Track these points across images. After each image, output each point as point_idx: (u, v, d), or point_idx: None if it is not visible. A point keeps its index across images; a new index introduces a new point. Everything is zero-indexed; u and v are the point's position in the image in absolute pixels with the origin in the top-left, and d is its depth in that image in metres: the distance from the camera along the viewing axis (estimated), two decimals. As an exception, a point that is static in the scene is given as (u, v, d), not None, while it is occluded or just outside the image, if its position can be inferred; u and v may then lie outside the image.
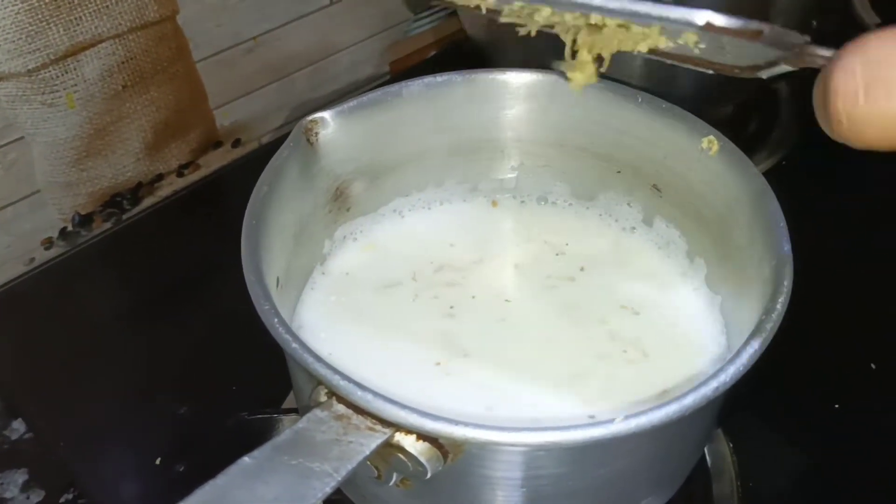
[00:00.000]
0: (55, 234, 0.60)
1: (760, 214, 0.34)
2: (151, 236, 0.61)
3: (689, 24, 0.26)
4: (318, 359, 0.29)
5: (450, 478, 0.30)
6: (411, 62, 0.74)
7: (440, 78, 0.40)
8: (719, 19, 0.26)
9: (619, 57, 0.50)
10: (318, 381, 0.30)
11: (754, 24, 0.26)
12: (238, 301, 0.54)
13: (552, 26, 0.30)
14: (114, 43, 0.57)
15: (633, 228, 0.43)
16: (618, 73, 0.47)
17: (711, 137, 0.37)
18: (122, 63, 0.58)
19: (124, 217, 0.63)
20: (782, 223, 0.33)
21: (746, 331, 0.32)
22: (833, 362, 0.50)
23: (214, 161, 0.66)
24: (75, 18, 0.54)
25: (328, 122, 0.39)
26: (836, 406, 0.48)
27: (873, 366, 0.50)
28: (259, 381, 0.48)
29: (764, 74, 0.27)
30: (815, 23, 0.62)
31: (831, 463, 0.46)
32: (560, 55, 0.44)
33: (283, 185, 0.37)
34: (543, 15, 0.29)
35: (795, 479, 0.45)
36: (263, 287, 0.31)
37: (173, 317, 0.55)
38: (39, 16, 0.52)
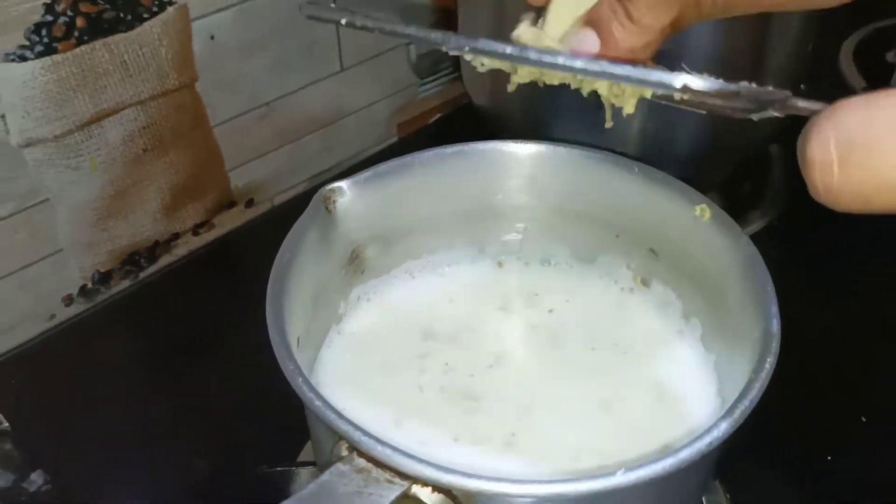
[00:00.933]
0: (75, 292, 0.63)
1: (750, 278, 0.37)
2: (168, 294, 0.64)
3: (667, 87, 0.26)
4: (341, 415, 0.31)
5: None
6: (418, 125, 0.77)
7: (450, 149, 0.43)
8: (696, 82, 0.26)
9: (617, 124, 0.53)
10: (340, 437, 0.32)
11: (731, 87, 0.26)
12: (252, 356, 0.56)
13: (539, 76, 0.32)
14: (136, 109, 0.60)
15: (632, 289, 0.45)
16: (616, 140, 0.50)
17: (704, 205, 0.40)
18: (144, 128, 0.61)
19: (142, 275, 0.65)
20: (770, 287, 0.36)
21: (739, 388, 0.34)
22: (825, 416, 0.52)
23: (228, 221, 0.69)
24: (101, 87, 0.57)
25: (345, 191, 0.41)
26: (829, 458, 0.50)
27: (864, 419, 0.52)
28: (274, 435, 0.50)
29: (756, 117, 0.28)
30: (802, 86, 0.65)
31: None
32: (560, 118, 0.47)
33: (304, 251, 0.39)
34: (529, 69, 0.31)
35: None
36: (287, 347, 0.34)
37: (190, 372, 0.57)
38: (67, 86, 0.55)
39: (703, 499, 0.47)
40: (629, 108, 0.29)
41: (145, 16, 0.57)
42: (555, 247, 0.46)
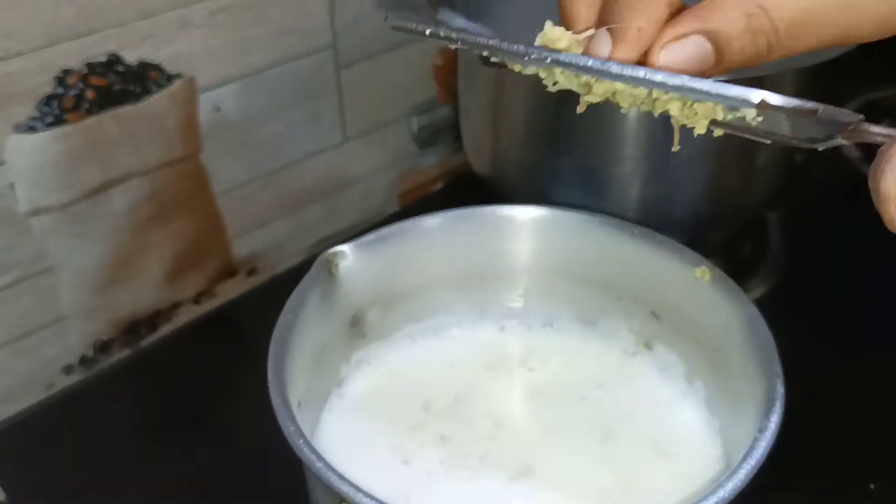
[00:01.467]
0: (76, 361, 0.62)
1: (752, 339, 0.37)
2: (168, 362, 0.63)
3: (746, 102, 0.27)
4: (342, 477, 0.31)
5: None
6: (419, 194, 0.78)
7: (451, 213, 0.43)
8: (774, 98, 0.27)
9: (616, 189, 0.54)
10: (342, 499, 0.31)
11: (809, 104, 0.27)
12: (252, 425, 0.56)
13: (612, 96, 0.31)
14: (141, 178, 0.60)
15: (634, 352, 0.45)
16: (616, 205, 0.51)
17: (704, 268, 0.40)
18: (148, 197, 0.61)
19: (142, 343, 0.65)
20: (773, 347, 0.36)
21: (744, 450, 0.33)
22: (832, 483, 0.51)
23: (230, 289, 0.69)
24: (108, 157, 0.58)
25: (348, 255, 0.42)
26: (872, 486, 0.49)
27: (872, 486, 0.51)
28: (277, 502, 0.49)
29: (820, 147, 0.28)
30: (799, 157, 0.66)
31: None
32: (560, 185, 0.47)
33: (306, 313, 0.39)
34: (604, 87, 0.30)
35: None
36: (289, 409, 0.33)
37: (190, 441, 0.56)
38: (76, 156, 0.56)
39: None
40: (700, 129, 0.29)
41: (153, 88, 0.59)
42: (557, 310, 0.46)
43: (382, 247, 0.43)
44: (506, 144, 0.58)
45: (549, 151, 0.55)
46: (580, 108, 0.32)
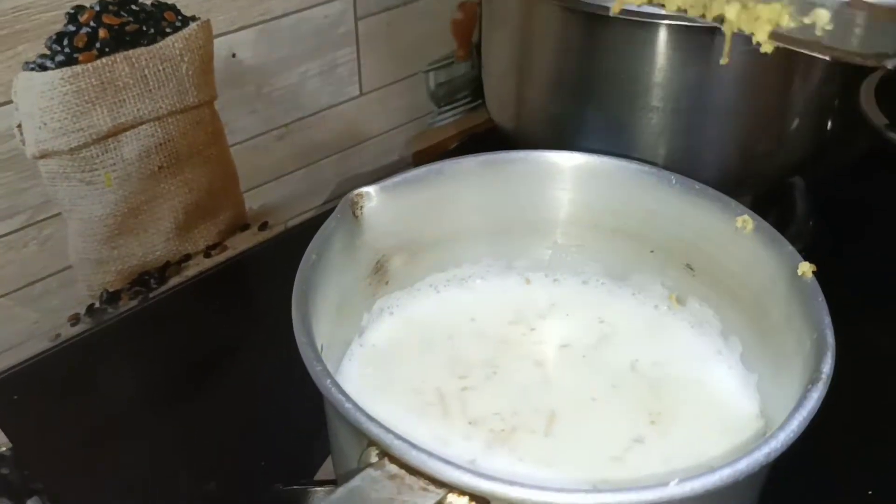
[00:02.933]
0: (82, 311, 0.61)
1: (798, 290, 0.35)
2: (177, 314, 0.62)
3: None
4: (372, 418, 0.29)
5: (497, 546, 0.30)
6: (435, 153, 0.76)
7: (485, 157, 0.41)
8: None
9: (643, 145, 0.52)
10: (370, 442, 0.30)
11: None
12: (263, 377, 0.55)
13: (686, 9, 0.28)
14: (153, 125, 0.59)
15: (667, 308, 0.43)
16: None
17: (746, 217, 0.38)
18: (160, 145, 0.59)
19: (151, 295, 0.63)
20: (821, 298, 0.34)
21: (786, 406, 0.32)
22: (867, 452, 0.50)
23: (241, 243, 0.68)
24: (119, 101, 0.56)
25: (373, 197, 0.40)
26: (870, 492, 0.47)
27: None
28: (288, 457, 0.48)
29: (890, 64, 0.26)
30: (830, 123, 0.65)
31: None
32: (586, 138, 0.45)
33: (330, 255, 0.38)
34: None
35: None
36: (314, 348, 0.32)
37: (198, 393, 0.55)
38: (86, 98, 0.54)
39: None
40: (761, 35, 0.26)
41: (168, 30, 0.57)
42: (586, 263, 0.45)
43: (409, 190, 0.41)
44: (531, 96, 0.56)
45: (575, 102, 0.53)
46: (614, 9, 0.29)
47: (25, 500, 0.49)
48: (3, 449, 0.51)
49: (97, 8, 0.53)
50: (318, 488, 0.41)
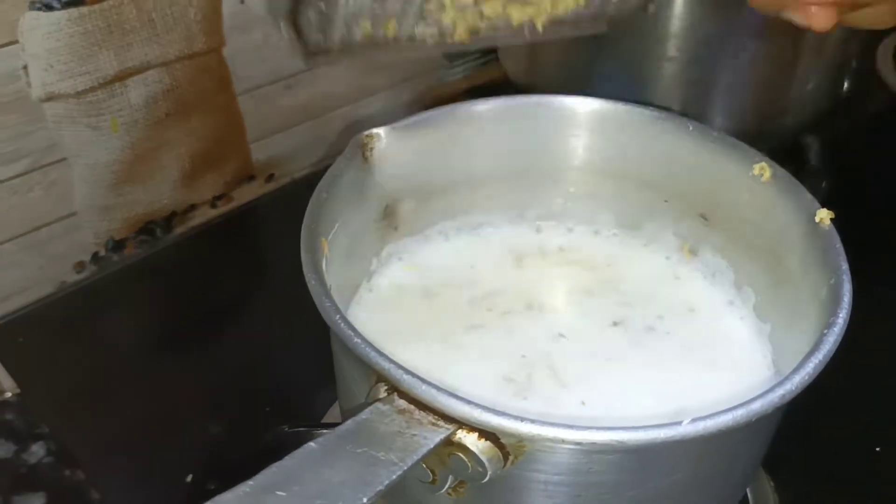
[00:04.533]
0: (87, 259, 0.61)
1: (815, 237, 0.35)
2: (182, 264, 0.61)
3: None
4: (381, 353, 0.29)
5: (505, 485, 0.30)
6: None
7: (500, 101, 0.41)
8: None
9: (658, 96, 0.51)
10: (378, 378, 0.29)
11: None
12: (266, 327, 0.55)
13: None
14: (161, 71, 0.58)
15: (679, 258, 0.43)
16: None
17: (763, 164, 0.38)
18: (167, 91, 0.59)
19: (156, 244, 0.63)
20: (838, 244, 0.34)
21: (799, 355, 0.31)
22: (876, 406, 0.49)
23: (247, 194, 0.67)
24: (126, 44, 0.55)
25: (383, 138, 0.39)
26: (878, 449, 0.47)
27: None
28: (293, 403, 0.48)
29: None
30: (846, 83, 0.64)
31: (872, 502, 0.45)
32: (601, 90, 0.45)
33: (339, 197, 0.37)
34: None
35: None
36: (323, 285, 0.31)
37: (201, 341, 0.54)
38: (92, 40, 0.54)
39: (748, 491, 0.44)
40: None
41: (175, -27, 0.56)
42: (598, 212, 0.44)
43: (421, 133, 0.40)
44: (545, 48, 0.55)
45: (590, 53, 0.52)
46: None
47: (31, 446, 0.49)
48: (10, 395, 0.51)
49: (104, -53, 0.52)
50: (325, 430, 0.40)
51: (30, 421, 0.49)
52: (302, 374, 0.50)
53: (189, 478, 0.44)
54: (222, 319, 0.56)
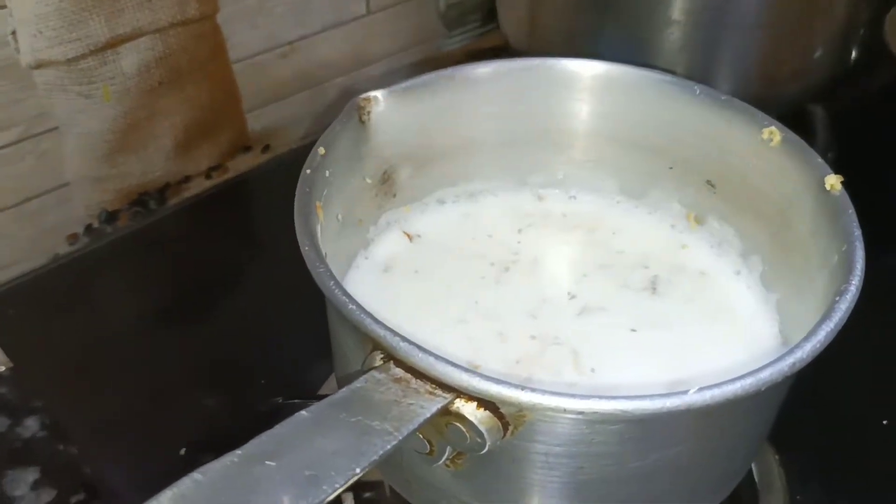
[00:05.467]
0: (80, 230, 0.59)
1: (826, 201, 0.34)
2: (176, 236, 0.60)
3: None
4: (377, 320, 0.28)
5: (505, 456, 0.29)
6: (444, 77, 0.74)
7: (501, 64, 0.39)
8: None
9: (662, 61, 0.50)
10: (374, 345, 0.28)
11: None
12: (262, 299, 0.54)
13: None
14: (153, 38, 0.56)
15: (684, 227, 0.42)
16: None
17: (773, 128, 0.36)
18: (160, 59, 0.57)
19: (150, 216, 0.62)
20: (851, 210, 0.33)
21: (808, 324, 0.30)
22: (882, 379, 0.49)
23: (243, 165, 0.66)
24: (117, 10, 0.54)
25: (381, 102, 0.38)
26: (885, 422, 0.46)
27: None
28: (288, 376, 0.47)
29: None
30: (854, 52, 0.62)
31: (879, 477, 0.44)
32: (605, 55, 0.43)
33: (335, 159, 0.36)
34: None
35: (842, 490, 0.44)
36: (318, 251, 0.30)
37: (196, 313, 0.54)
38: (82, 5, 0.52)
39: (753, 465, 0.43)
40: None
41: (168, -64, 0.54)
42: (602, 180, 0.43)
43: (419, 96, 0.39)
44: (547, 13, 0.54)
45: (593, 17, 0.51)
46: None
47: (24, 420, 0.48)
48: (2, 369, 0.51)
49: None
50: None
51: (23, 395, 0.49)
52: (298, 346, 0.49)
53: (183, 451, 0.43)
54: (217, 292, 0.56)
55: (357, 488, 0.44)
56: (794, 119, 0.66)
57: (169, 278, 0.57)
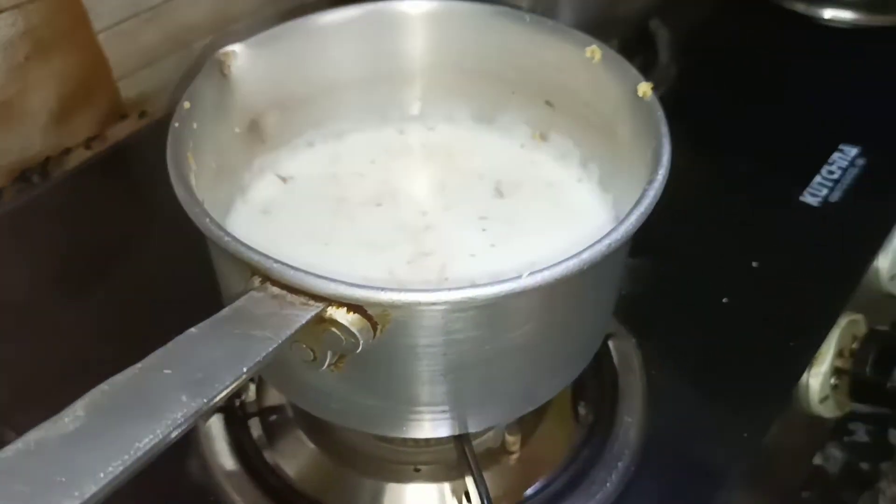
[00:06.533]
0: (-36, 211, 0.60)
1: (641, 107, 0.38)
2: (63, 207, 0.62)
3: None
4: (251, 248, 0.31)
5: (380, 354, 0.33)
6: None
7: (339, 12, 0.43)
8: None
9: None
10: (253, 271, 0.32)
11: None
12: (156, 264, 0.56)
13: None
14: (13, 13, 0.57)
15: (533, 145, 0.46)
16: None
17: (594, 47, 0.41)
18: (23, 34, 0.58)
19: (34, 191, 0.63)
20: (659, 112, 0.37)
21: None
22: (718, 262, 0.55)
23: (121, 132, 0.67)
24: (-28, -12, 0.54)
25: (239, 55, 0.41)
26: (725, 300, 0.53)
27: (754, 264, 0.55)
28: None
29: None
30: None
31: (721, 350, 0.50)
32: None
33: (201, 113, 0.38)
34: None
35: (692, 365, 0.50)
36: (192, 193, 0.33)
37: (91, 286, 0.55)
38: (-66, -15, 0.53)
39: (611, 343, 0.49)
40: None
41: None
42: (454, 109, 0.47)
43: (276, 47, 0.42)
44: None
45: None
46: None
47: None
48: None
49: None
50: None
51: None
52: (190, 303, 0.51)
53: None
54: (109, 259, 0.57)
55: (263, 413, 0.47)
56: (640, 38, 0.71)
57: (60, 250, 0.58)
